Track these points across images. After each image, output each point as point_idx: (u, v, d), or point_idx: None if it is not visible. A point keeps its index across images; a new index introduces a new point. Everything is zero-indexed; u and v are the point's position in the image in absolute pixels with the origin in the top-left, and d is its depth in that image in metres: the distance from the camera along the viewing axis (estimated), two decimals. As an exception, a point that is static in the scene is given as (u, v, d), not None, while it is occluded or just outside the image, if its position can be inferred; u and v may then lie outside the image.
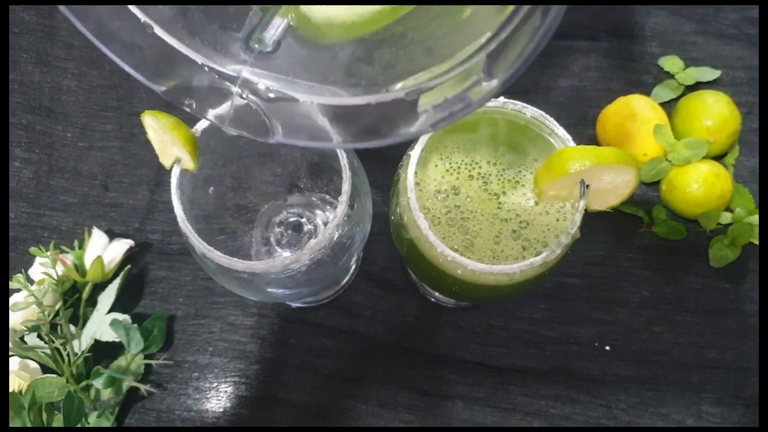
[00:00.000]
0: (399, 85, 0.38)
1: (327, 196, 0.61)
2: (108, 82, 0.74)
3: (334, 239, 0.45)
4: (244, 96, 0.39)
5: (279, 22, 0.39)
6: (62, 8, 0.35)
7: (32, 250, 0.61)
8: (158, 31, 0.38)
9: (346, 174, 0.45)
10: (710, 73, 0.72)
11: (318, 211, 0.62)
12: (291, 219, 0.62)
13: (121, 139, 0.72)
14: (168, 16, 0.38)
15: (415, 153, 0.46)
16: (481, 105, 0.36)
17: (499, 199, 0.47)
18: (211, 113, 0.40)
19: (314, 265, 0.46)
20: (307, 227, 0.62)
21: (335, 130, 0.39)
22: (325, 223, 0.60)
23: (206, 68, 0.39)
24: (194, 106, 0.39)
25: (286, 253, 0.60)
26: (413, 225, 0.45)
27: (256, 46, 0.39)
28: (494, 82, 0.34)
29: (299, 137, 0.39)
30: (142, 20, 0.38)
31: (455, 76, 0.36)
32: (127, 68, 0.38)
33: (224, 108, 0.40)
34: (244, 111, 0.39)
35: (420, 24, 0.38)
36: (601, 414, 0.61)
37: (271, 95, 0.39)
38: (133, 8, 0.37)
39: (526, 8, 0.32)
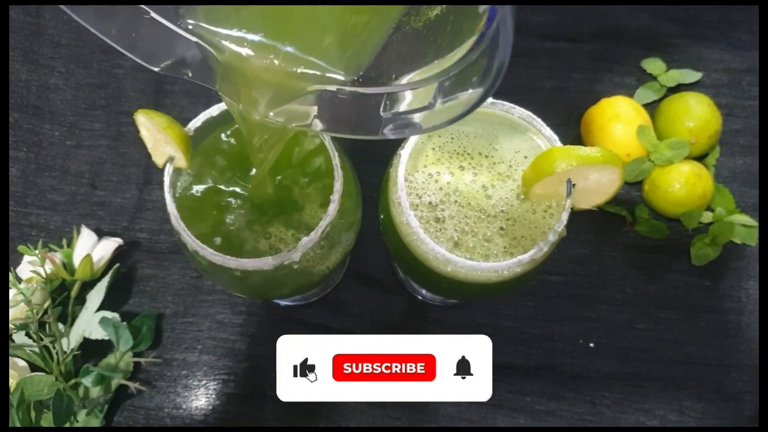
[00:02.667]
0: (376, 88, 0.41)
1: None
2: (96, 81, 0.74)
3: (326, 237, 0.46)
4: None
5: None
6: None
7: (20, 248, 0.61)
8: (154, 14, 0.39)
9: (338, 173, 0.46)
10: (692, 75, 0.73)
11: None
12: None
13: (109, 138, 0.72)
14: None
15: (405, 152, 0.47)
16: (429, 131, 0.41)
17: (488, 191, 0.48)
18: (206, 80, 0.42)
19: (305, 262, 0.46)
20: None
21: (315, 112, 0.41)
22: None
23: (199, 44, 0.40)
24: (190, 74, 0.41)
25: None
26: (403, 223, 0.46)
27: None
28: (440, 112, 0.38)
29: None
30: (139, 5, 0.39)
31: (415, 92, 0.39)
32: (125, 52, 0.40)
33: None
34: None
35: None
36: (585, 410, 0.62)
37: None
38: None
39: (478, 51, 0.34)
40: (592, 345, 0.65)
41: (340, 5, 0.36)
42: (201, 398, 0.63)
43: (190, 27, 0.39)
